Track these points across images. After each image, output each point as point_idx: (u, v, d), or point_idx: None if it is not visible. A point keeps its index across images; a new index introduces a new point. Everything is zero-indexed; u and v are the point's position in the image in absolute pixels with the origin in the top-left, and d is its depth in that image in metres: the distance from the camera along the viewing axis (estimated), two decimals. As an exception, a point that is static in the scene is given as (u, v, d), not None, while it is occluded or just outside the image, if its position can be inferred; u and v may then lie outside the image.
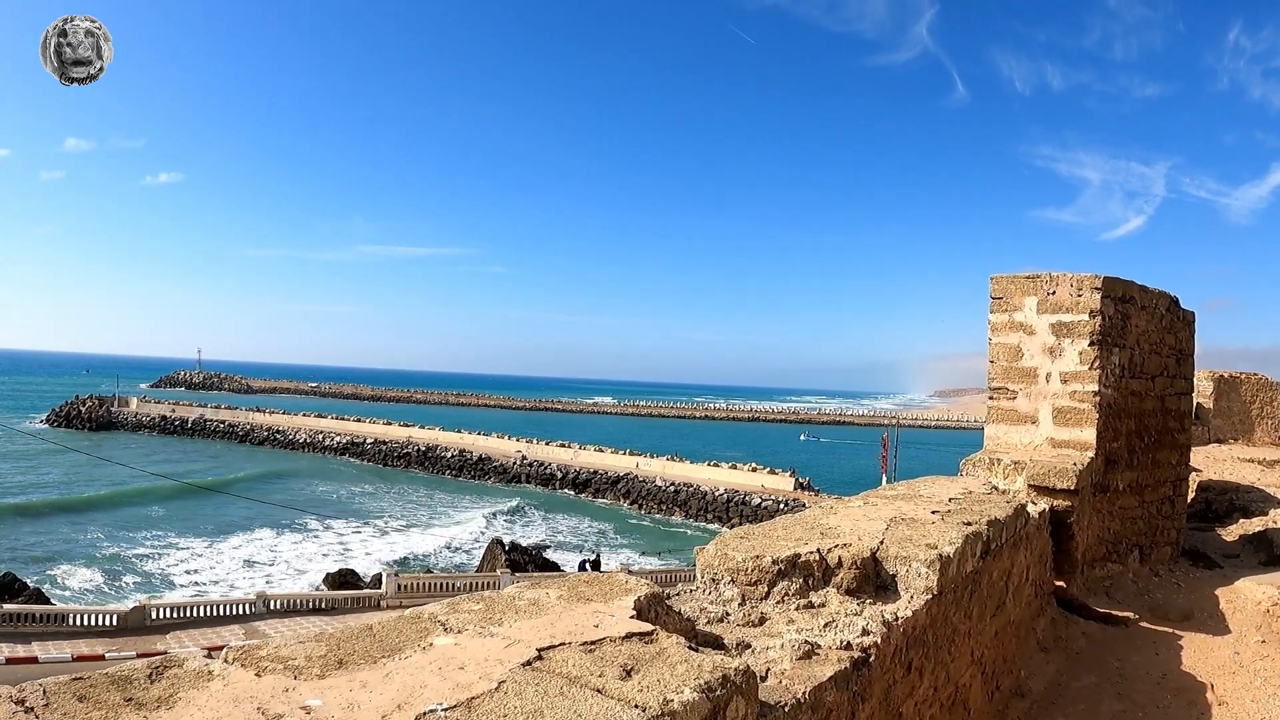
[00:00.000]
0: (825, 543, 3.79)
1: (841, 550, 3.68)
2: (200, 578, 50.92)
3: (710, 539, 5.02)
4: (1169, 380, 9.19)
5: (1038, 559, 6.26)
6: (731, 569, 3.65)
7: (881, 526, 4.20)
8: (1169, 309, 9.04)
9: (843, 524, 4.27)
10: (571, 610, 2.79)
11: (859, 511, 4.67)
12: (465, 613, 2.82)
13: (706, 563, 3.76)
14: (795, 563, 3.59)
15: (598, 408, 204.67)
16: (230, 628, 36.94)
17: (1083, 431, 7.80)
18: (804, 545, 3.74)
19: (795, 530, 4.14)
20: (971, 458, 7.33)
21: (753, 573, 3.59)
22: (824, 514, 4.59)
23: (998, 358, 8.21)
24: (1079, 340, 7.82)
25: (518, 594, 3.06)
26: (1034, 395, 8.02)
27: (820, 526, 4.22)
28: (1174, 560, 9.41)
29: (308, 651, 2.49)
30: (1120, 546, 8.37)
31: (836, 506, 4.84)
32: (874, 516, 4.50)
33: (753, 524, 4.33)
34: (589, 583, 3.17)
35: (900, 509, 4.80)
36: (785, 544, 3.81)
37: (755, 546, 3.77)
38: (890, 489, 5.75)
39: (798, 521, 4.35)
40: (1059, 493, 6.70)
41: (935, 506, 4.94)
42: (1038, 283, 8.00)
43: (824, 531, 4.10)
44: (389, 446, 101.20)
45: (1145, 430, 8.65)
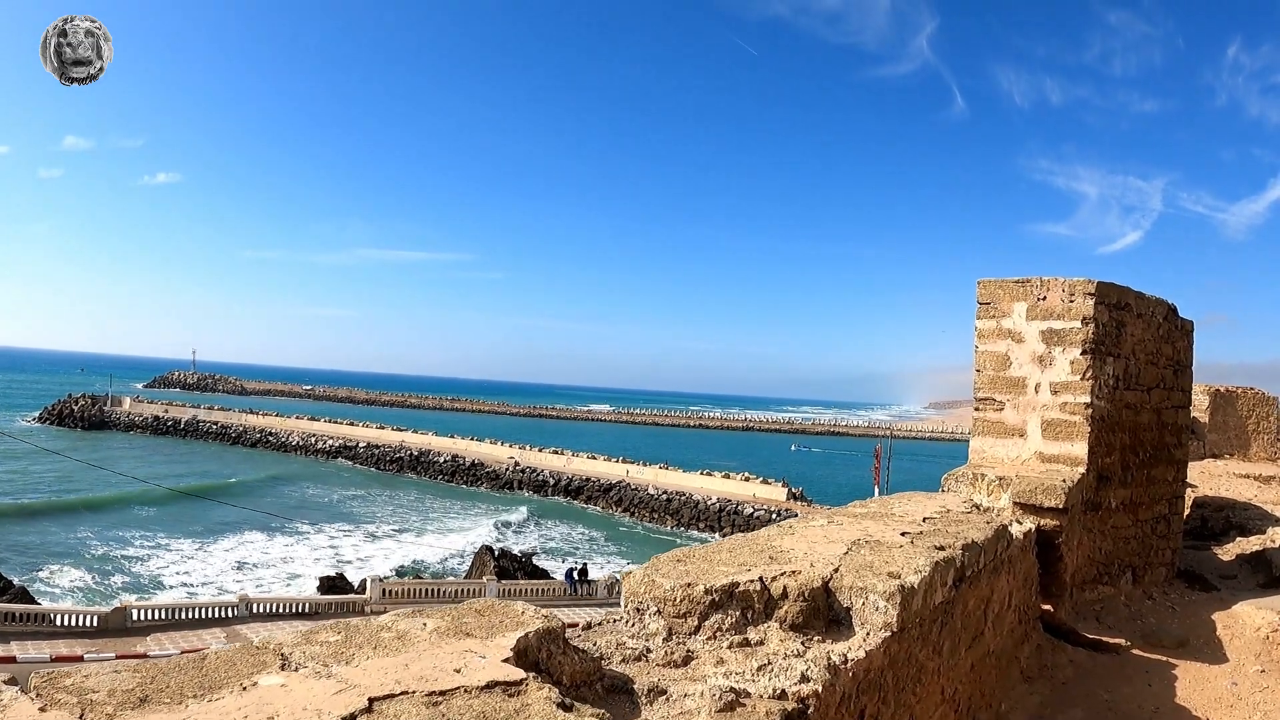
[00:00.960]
0: (771, 569, 3.32)
1: (788, 579, 3.21)
2: (190, 579, 50.44)
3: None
4: (1166, 392, 8.72)
5: (1022, 583, 5.79)
6: (658, 598, 3.18)
7: (841, 550, 3.73)
8: (1166, 317, 8.59)
9: (798, 547, 3.80)
10: (439, 647, 2.35)
11: (819, 532, 4.19)
12: (317, 645, 2.39)
13: (631, 590, 3.29)
14: (732, 592, 3.12)
15: (592, 415, 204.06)
16: (212, 630, 36.45)
17: (1073, 445, 7.33)
18: (746, 572, 3.27)
19: (742, 553, 3.66)
20: (954, 472, 6.86)
21: (682, 603, 3.12)
22: (780, 534, 4.12)
23: (984, 366, 7.74)
24: (1071, 349, 7.36)
25: (391, 623, 2.61)
26: (1022, 406, 7.55)
27: (772, 549, 3.75)
28: (1169, 582, 8.94)
29: (114, 684, 2.16)
30: (1112, 567, 7.89)
31: (796, 526, 4.37)
32: (835, 538, 4.02)
33: (696, 545, 3.85)
34: (479, 612, 2.71)
35: (867, 530, 4.33)
36: (725, 569, 3.34)
37: (689, 572, 3.30)
38: (861, 506, 5.28)
39: (747, 543, 3.88)
40: (1046, 511, 6.23)
41: (907, 527, 4.47)
42: (1028, 288, 7.54)
43: (774, 555, 3.62)
44: (382, 450, 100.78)
45: (1140, 445, 8.19)
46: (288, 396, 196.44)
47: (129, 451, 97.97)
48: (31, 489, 71.83)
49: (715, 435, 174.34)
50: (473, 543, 58.46)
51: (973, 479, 6.66)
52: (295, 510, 71.02)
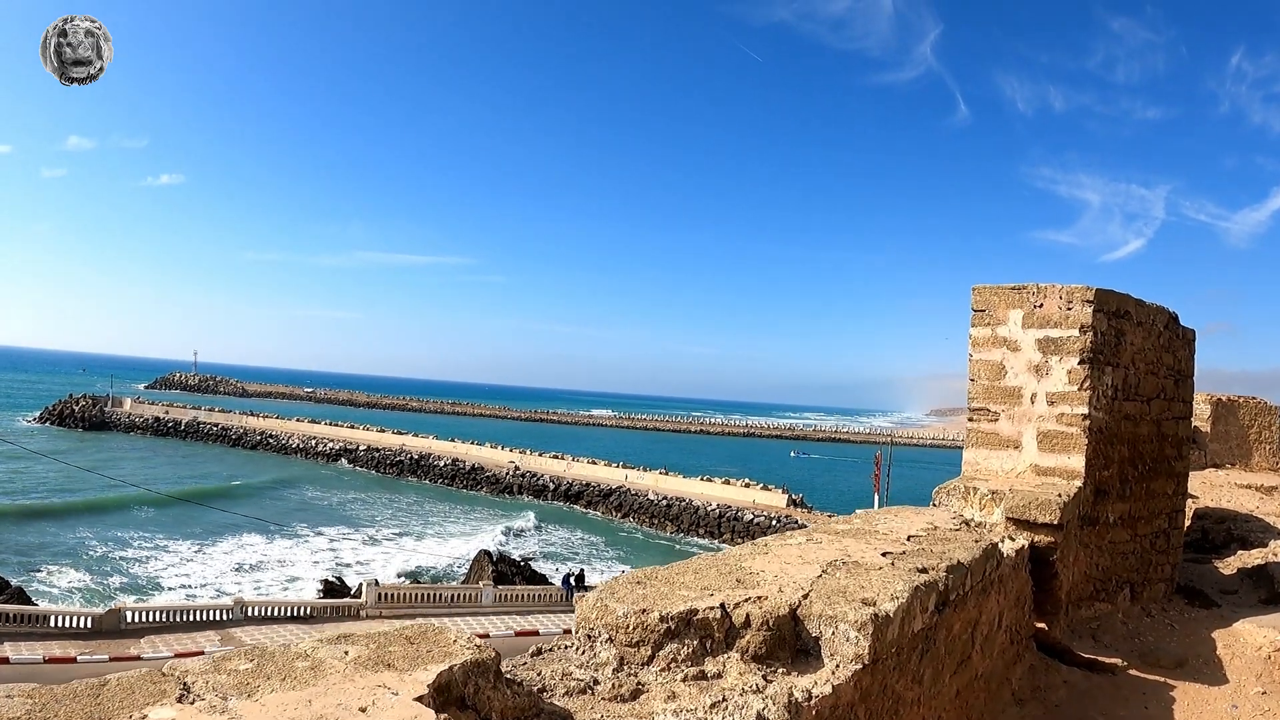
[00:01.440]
0: (736, 594, 3.09)
1: (752, 605, 2.97)
2: (189, 581, 50.33)
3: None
4: (1166, 403, 8.47)
5: (1014, 602, 5.55)
6: (610, 625, 2.95)
7: (814, 573, 3.50)
8: (1167, 326, 8.34)
9: (769, 568, 3.56)
10: (352, 680, 2.13)
11: (795, 552, 3.95)
12: (224, 674, 2.19)
13: (583, 615, 3.06)
14: (690, 620, 2.89)
15: (593, 420, 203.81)
16: (206, 633, 36.34)
17: (1070, 458, 7.08)
18: (708, 597, 3.04)
19: (708, 575, 3.43)
20: (945, 485, 6.61)
21: (635, 630, 2.89)
22: (753, 554, 3.88)
23: (978, 375, 7.50)
24: (1068, 358, 7.11)
25: (310, 650, 2.40)
26: (1017, 417, 7.31)
27: (741, 571, 3.51)
28: (1168, 598, 8.68)
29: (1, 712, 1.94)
30: (1109, 584, 7.64)
31: (771, 544, 4.14)
32: (811, 559, 3.79)
33: (661, 565, 3.62)
34: (409, 640, 2.49)
35: (847, 549, 4.09)
36: (687, 594, 3.11)
37: (647, 596, 3.07)
38: (844, 522, 5.04)
39: (716, 563, 3.64)
40: (1041, 527, 5.99)
41: (889, 547, 4.23)
42: (1023, 294, 7.30)
43: (742, 578, 3.39)
44: (382, 454, 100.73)
45: (1139, 457, 7.93)
46: (289, 399, 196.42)
47: (128, 453, 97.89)
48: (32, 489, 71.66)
49: (717, 441, 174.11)
50: (472, 547, 58.23)
51: (964, 493, 6.41)
52: (295, 513, 70.98)
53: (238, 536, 60.99)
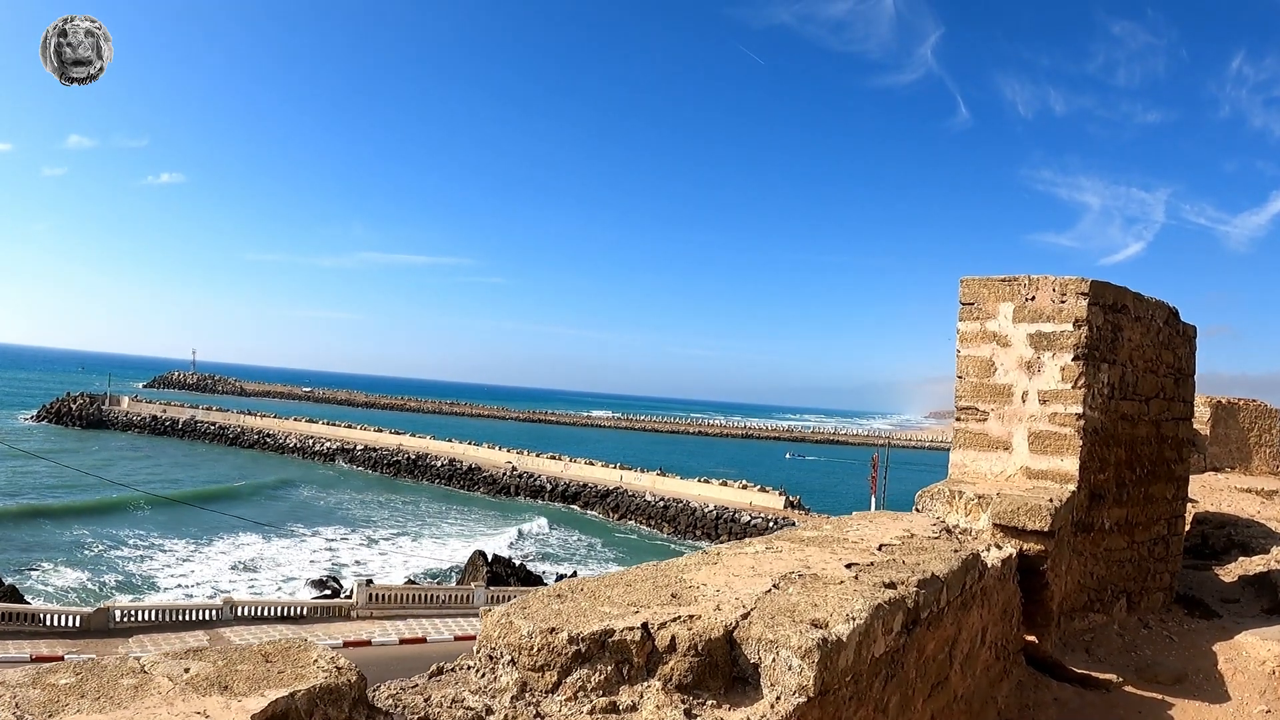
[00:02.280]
0: (664, 612, 2.67)
1: (680, 626, 2.56)
2: (185, 581, 50.02)
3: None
4: (1166, 403, 8.04)
5: (999, 615, 5.13)
6: (514, 645, 2.54)
7: (763, 588, 3.08)
8: (1167, 321, 7.91)
9: (712, 582, 3.14)
10: (172, 704, 1.86)
11: (748, 562, 3.53)
12: (38, 689, 2.00)
13: (486, 632, 2.65)
14: (604, 642, 2.48)
15: (592, 421, 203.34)
16: (195, 633, 36.09)
17: (1063, 460, 6.66)
18: (630, 615, 2.62)
19: (641, 588, 3.01)
20: (929, 489, 6.19)
21: (540, 652, 2.49)
22: (700, 564, 3.46)
23: (966, 373, 7.08)
24: (1061, 354, 6.69)
25: (144, 665, 2.05)
26: (1007, 417, 6.89)
27: (681, 584, 3.10)
28: (1166, 608, 8.26)
29: None
30: (1105, 594, 7.22)
31: (724, 554, 3.72)
32: (764, 571, 3.37)
33: (590, 575, 3.20)
34: (266, 658, 2.15)
35: (808, 560, 3.67)
36: (609, 610, 2.70)
37: (561, 613, 2.66)
38: (811, 528, 4.62)
39: (654, 574, 3.22)
40: (1030, 534, 5.57)
41: (857, 557, 3.82)
42: (1014, 286, 6.87)
43: (679, 593, 2.97)
44: (379, 454, 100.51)
45: (1137, 460, 7.51)
46: (287, 398, 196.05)
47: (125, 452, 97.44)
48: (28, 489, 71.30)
49: (715, 442, 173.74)
50: (472, 549, 57.87)
51: (949, 497, 5.99)
52: (292, 513, 70.76)
53: (234, 536, 60.81)
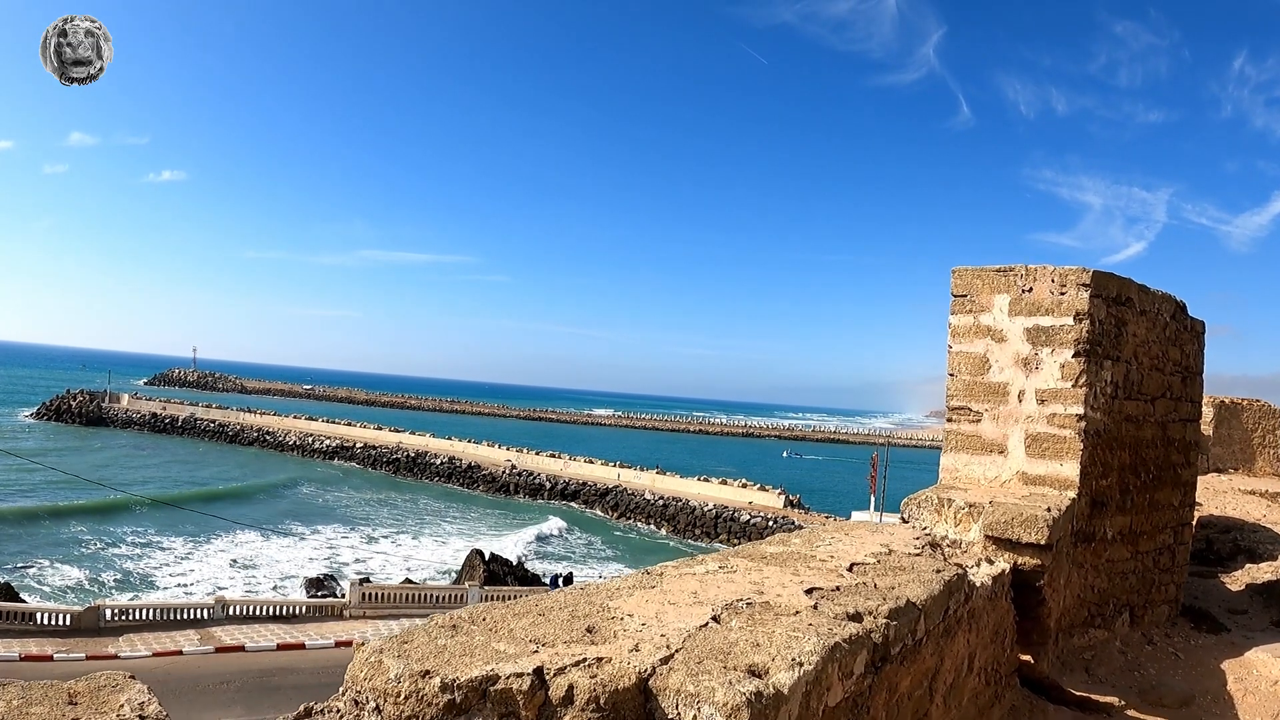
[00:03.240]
0: (569, 652, 2.18)
1: (582, 673, 2.07)
2: (184, 580, 49.62)
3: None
4: (1172, 403, 7.54)
5: (990, 638, 4.63)
6: (380, 690, 2.07)
7: (701, 620, 2.59)
8: (1174, 316, 7.41)
9: (642, 611, 2.65)
10: None
11: (691, 585, 3.04)
12: None
13: (353, 673, 2.17)
14: (486, 691, 2.00)
15: (593, 419, 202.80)
16: (185, 632, 35.67)
17: (1063, 465, 6.16)
18: (526, 656, 2.13)
19: (555, 619, 2.52)
20: (916, 496, 5.69)
21: (407, 701, 2.01)
22: (633, 587, 2.97)
23: (959, 370, 6.57)
24: (1061, 350, 6.19)
25: None
26: (1002, 418, 6.39)
27: (602, 614, 2.60)
28: (1171, 621, 7.76)
29: None
30: (1106, 608, 6.72)
31: (667, 574, 3.22)
32: (708, 598, 2.88)
33: (491, 604, 2.70)
34: (71, 698, 1.75)
35: (764, 582, 3.18)
36: (506, 648, 2.20)
37: (446, 650, 2.17)
38: (778, 543, 4.12)
39: (574, 602, 2.72)
40: (1026, 547, 5.07)
41: (823, 579, 3.32)
42: (1010, 277, 6.37)
43: (597, 625, 2.48)
44: (378, 452, 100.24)
45: (1142, 464, 7.00)
46: (288, 396, 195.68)
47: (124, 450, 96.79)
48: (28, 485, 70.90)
49: (716, 441, 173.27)
50: (468, 546, 57.41)
51: (937, 505, 5.49)
52: (291, 511, 70.41)
53: (232, 534, 60.51)
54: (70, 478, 61.82)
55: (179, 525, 61.10)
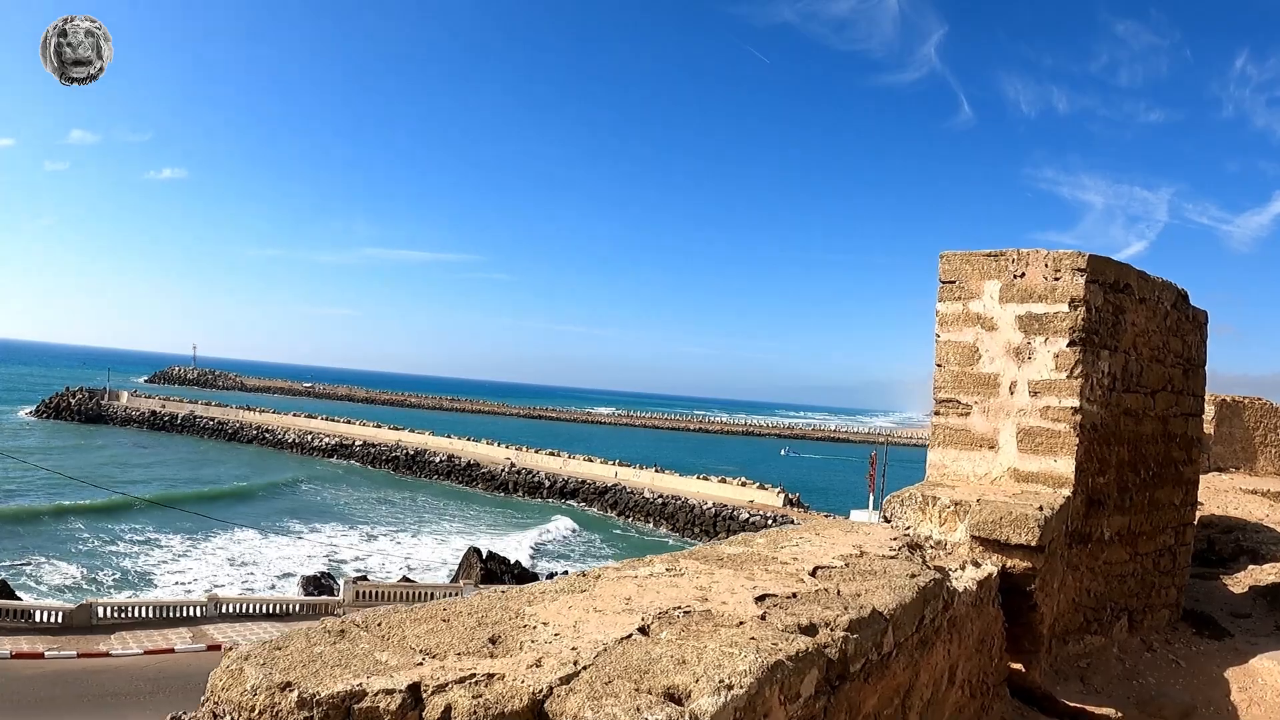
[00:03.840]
0: (457, 667, 1.83)
1: (464, 691, 1.72)
2: (183, 578, 49.34)
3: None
4: (1174, 396, 7.16)
5: (975, 647, 4.27)
6: (235, 703, 1.74)
7: (625, 630, 2.23)
8: (1175, 305, 7.03)
9: (560, 619, 2.29)
10: None
11: (627, 589, 2.68)
12: None
13: (213, 683, 1.84)
14: (350, 710, 1.67)
15: (593, 417, 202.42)
16: (178, 630, 35.46)
17: (1057, 461, 5.79)
18: (407, 670, 1.79)
19: (459, 625, 2.16)
20: (899, 494, 5.33)
21: (261, 716, 1.69)
22: (560, 591, 2.61)
23: (947, 360, 6.20)
24: (1055, 339, 5.82)
25: None
26: (993, 411, 6.02)
27: (515, 621, 2.25)
28: (1172, 626, 7.38)
29: None
30: (1103, 613, 6.35)
31: (604, 576, 2.86)
32: (640, 605, 2.52)
33: (398, 607, 2.35)
34: None
35: (712, 586, 2.83)
36: (385, 660, 1.86)
37: (317, 660, 1.84)
38: (739, 543, 3.76)
39: (487, 606, 2.36)
40: (1016, 549, 4.71)
41: (779, 584, 2.97)
42: (1001, 262, 6.00)
43: (503, 635, 2.12)
44: (378, 449, 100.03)
45: (1142, 461, 6.63)
46: (288, 394, 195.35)
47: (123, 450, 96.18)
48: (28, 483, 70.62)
49: (716, 439, 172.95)
50: (465, 543, 57.10)
51: (921, 503, 5.13)
52: (290, 509, 70.15)
53: (231, 532, 60.37)
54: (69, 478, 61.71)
55: (177, 523, 60.85)
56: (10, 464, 70.67)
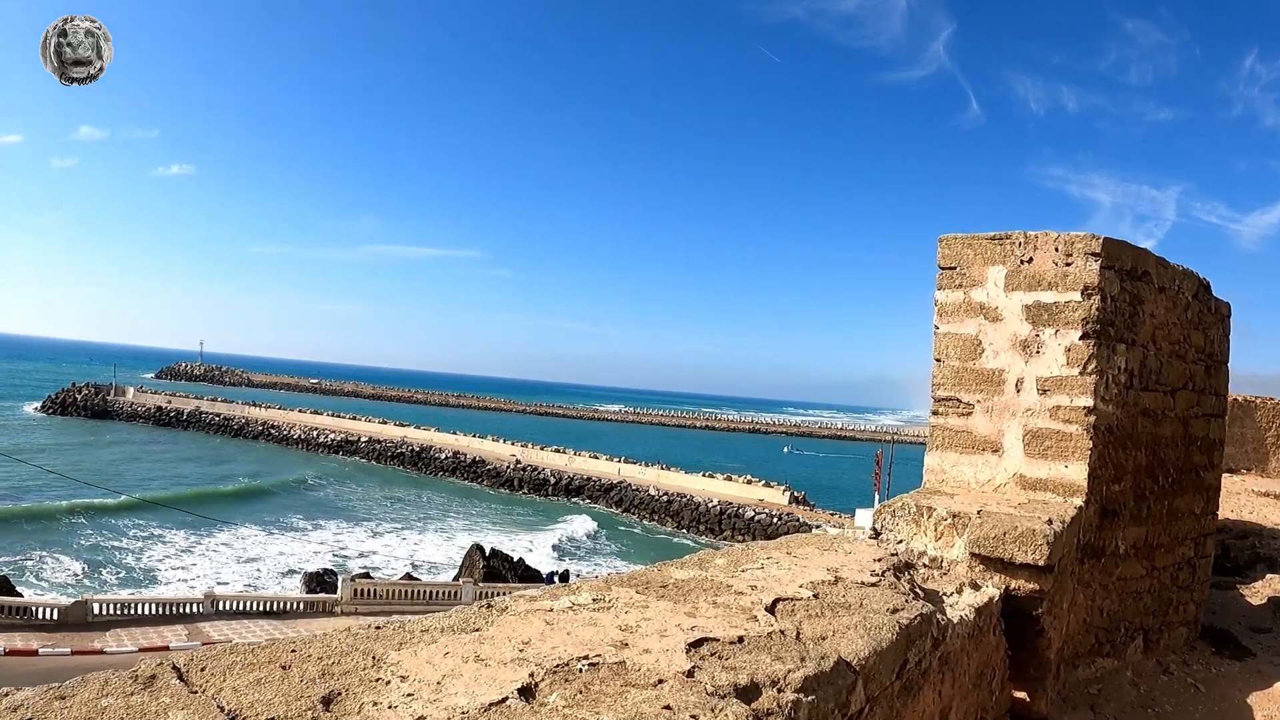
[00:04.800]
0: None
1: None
2: (186, 575, 49.06)
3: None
4: (1195, 396, 6.57)
5: (973, 683, 3.71)
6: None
7: (502, 690, 1.69)
8: (1197, 295, 6.43)
9: (424, 673, 1.71)
10: None
11: (534, 627, 2.11)
12: None
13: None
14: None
15: (599, 414, 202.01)
16: (174, 628, 35.13)
17: (1068, 467, 5.22)
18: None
19: (299, 673, 1.61)
20: (891, 504, 4.76)
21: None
22: (442, 630, 2.05)
23: (946, 354, 5.63)
24: (1066, 331, 5.24)
25: None
26: (997, 411, 5.45)
27: (366, 672, 1.68)
28: (1190, 646, 6.79)
29: None
30: (1117, 633, 5.77)
31: (509, 609, 2.27)
32: (536, 654, 1.95)
33: (238, 646, 1.82)
34: None
35: (640, 626, 2.27)
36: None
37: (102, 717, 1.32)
38: (694, 564, 3.17)
39: (341, 650, 1.80)
40: (1022, 569, 4.14)
41: (724, 624, 2.40)
42: (1006, 246, 5.42)
43: (341, 693, 1.57)
44: (383, 445, 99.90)
45: (1161, 466, 6.05)
46: (294, 390, 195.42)
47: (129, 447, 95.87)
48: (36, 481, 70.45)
49: (723, 437, 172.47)
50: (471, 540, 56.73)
51: (916, 514, 4.57)
52: (294, 506, 69.95)
53: (236, 529, 60.25)
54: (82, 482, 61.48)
55: (182, 519, 60.71)
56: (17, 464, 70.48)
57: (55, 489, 66.40)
